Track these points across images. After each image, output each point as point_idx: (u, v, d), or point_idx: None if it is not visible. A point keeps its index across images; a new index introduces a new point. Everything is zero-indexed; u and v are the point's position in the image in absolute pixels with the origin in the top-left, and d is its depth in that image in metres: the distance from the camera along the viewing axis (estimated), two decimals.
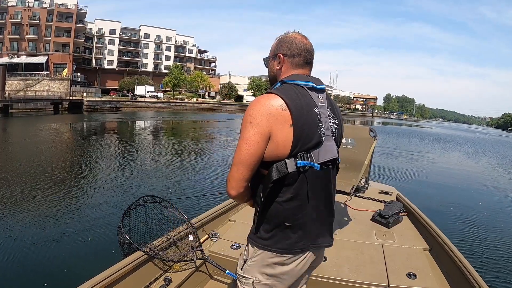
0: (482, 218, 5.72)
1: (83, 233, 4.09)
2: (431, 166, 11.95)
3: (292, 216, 1.07)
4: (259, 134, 1.01)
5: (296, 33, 1.16)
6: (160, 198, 2.18)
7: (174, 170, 8.21)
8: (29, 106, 30.14)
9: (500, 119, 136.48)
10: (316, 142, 1.06)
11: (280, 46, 1.15)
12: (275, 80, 1.18)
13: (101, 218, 4.61)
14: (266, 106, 1.02)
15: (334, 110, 1.17)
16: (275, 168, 1.03)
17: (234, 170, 1.05)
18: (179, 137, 16.73)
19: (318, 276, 1.84)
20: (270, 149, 1.03)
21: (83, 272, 3.02)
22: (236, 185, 1.06)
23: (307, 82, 1.10)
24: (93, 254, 3.57)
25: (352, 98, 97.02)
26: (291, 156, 1.03)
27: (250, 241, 1.14)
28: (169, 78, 50.82)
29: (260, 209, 1.10)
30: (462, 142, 26.56)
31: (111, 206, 5.12)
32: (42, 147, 11.08)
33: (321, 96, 1.12)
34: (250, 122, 1.02)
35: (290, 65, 1.14)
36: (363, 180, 3.38)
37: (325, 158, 1.08)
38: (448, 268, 1.95)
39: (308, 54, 1.15)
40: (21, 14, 42.89)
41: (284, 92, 1.05)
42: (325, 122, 1.10)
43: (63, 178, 6.89)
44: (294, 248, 1.08)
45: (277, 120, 1.01)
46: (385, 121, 66.43)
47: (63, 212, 4.85)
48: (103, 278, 1.53)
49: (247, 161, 1.02)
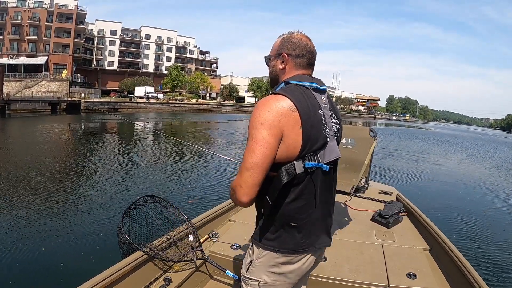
0: (482, 218, 5.72)
1: (83, 233, 4.09)
2: (431, 166, 11.95)
3: (298, 216, 1.07)
4: (273, 135, 0.99)
5: (301, 33, 1.15)
6: (160, 198, 2.18)
7: (173, 170, 8.21)
8: (27, 107, 30.13)
9: (503, 121, 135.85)
10: (322, 143, 1.06)
11: (285, 46, 1.14)
12: (277, 79, 1.17)
13: (101, 218, 4.61)
14: (276, 107, 1.01)
15: (335, 110, 1.18)
16: (284, 171, 1.02)
17: (247, 175, 1.00)
18: (178, 137, 16.73)
19: (318, 276, 1.84)
20: (280, 151, 1.02)
21: (83, 272, 3.02)
22: (249, 191, 1.01)
23: (312, 83, 1.10)
24: (93, 254, 3.57)
25: (354, 100, 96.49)
26: (300, 158, 1.03)
27: (255, 242, 1.13)
28: (168, 79, 50.80)
29: (265, 210, 1.08)
30: (463, 143, 26.55)
31: (110, 206, 5.12)
32: (37, 148, 11.08)
33: (324, 97, 1.13)
34: (261, 123, 0.99)
35: (294, 65, 1.13)
36: (363, 180, 3.38)
37: (330, 158, 1.09)
38: (448, 268, 1.95)
39: (312, 56, 1.15)
40: (21, 15, 42.93)
41: (291, 93, 1.04)
42: (329, 122, 1.10)
43: (60, 179, 6.89)
44: (299, 248, 1.08)
45: (288, 122, 1.00)
46: (388, 123, 66.44)
47: (62, 212, 4.85)
48: (103, 278, 1.52)
49: (263, 164, 0.99)
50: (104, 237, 4.00)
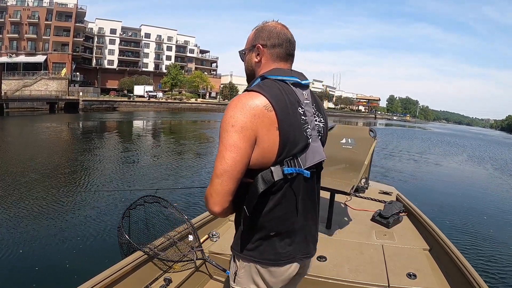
0: (482, 218, 5.73)
1: (83, 233, 4.08)
2: (431, 166, 11.97)
3: (278, 226, 0.98)
4: (245, 138, 0.88)
5: (276, 22, 1.05)
6: (160, 198, 2.18)
7: (173, 170, 8.21)
8: (25, 106, 30.15)
9: (504, 121, 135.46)
10: (303, 145, 0.96)
11: (259, 36, 1.03)
12: (253, 74, 1.06)
13: (101, 218, 4.60)
14: (249, 106, 0.89)
15: (318, 107, 1.06)
16: (260, 179, 0.91)
17: (217, 183, 0.91)
18: (177, 137, 16.72)
19: (318, 276, 1.84)
20: (256, 155, 0.91)
21: (83, 272, 3.02)
22: (220, 200, 0.93)
23: (292, 77, 0.98)
24: (93, 254, 3.57)
25: (354, 99, 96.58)
26: (277, 163, 0.93)
27: (235, 253, 1.05)
28: (168, 78, 50.72)
29: (244, 220, 0.98)
30: (463, 143, 26.58)
31: (110, 206, 5.12)
32: (34, 146, 11.06)
33: (306, 92, 1.01)
34: (232, 126, 0.89)
35: (271, 57, 1.02)
36: (363, 180, 3.37)
37: (313, 162, 0.99)
38: (448, 268, 1.95)
39: (290, 44, 1.03)
40: (20, 13, 42.81)
41: (267, 89, 0.93)
42: (311, 121, 0.99)
43: (59, 178, 6.88)
44: (280, 259, 1.00)
45: (262, 123, 0.89)
46: (388, 123, 66.41)
47: (61, 212, 4.84)
48: (103, 278, 1.52)
49: (233, 171, 0.89)
50: (104, 237, 4.00)
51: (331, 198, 2.48)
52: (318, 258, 2.01)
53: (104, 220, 4.54)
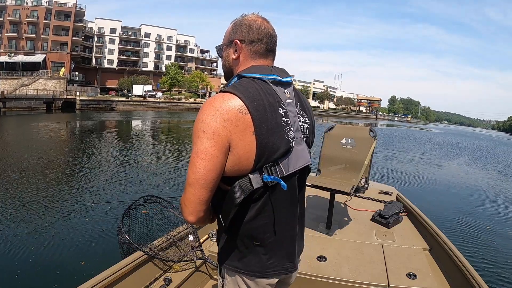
0: (482, 218, 5.74)
1: (83, 233, 4.08)
2: (431, 166, 11.99)
3: (261, 236, 0.92)
4: (217, 145, 0.82)
5: (255, 15, 0.97)
6: (160, 198, 2.18)
7: (173, 169, 8.20)
8: (22, 105, 30.04)
9: (506, 122, 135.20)
10: (284, 151, 0.88)
11: (237, 31, 0.95)
12: (231, 72, 0.99)
13: (101, 218, 4.60)
14: (221, 109, 0.82)
15: (303, 106, 0.99)
16: (238, 188, 0.85)
17: (190, 192, 0.86)
18: (175, 136, 16.70)
19: (318, 276, 1.84)
20: (230, 163, 0.85)
21: (83, 272, 3.02)
22: (194, 210, 0.87)
23: (271, 75, 0.91)
24: (93, 254, 3.57)
25: (356, 100, 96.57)
26: (256, 170, 0.86)
27: (220, 263, 0.99)
28: (166, 77, 50.64)
29: (223, 230, 0.94)
30: (463, 143, 26.62)
31: (110, 206, 5.11)
32: (31, 145, 11.04)
33: (288, 90, 0.94)
34: (203, 131, 0.82)
35: (249, 53, 0.94)
36: (363, 180, 3.37)
37: (296, 167, 0.92)
38: (448, 268, 1.95)
39: (271, 40, 0.95)
40: (19, 13, 42.72)
41: (243, 90, 0.85)
42: (294, 122, 0.92)
43: (57, 178, 6.87)
44: (265, 271, 0.94)
45: (236, 127, 0.82)
46: (389, 123, 66.39)
47: (61, 212, 4.84)
48: (103, 278, 1.52)
49: (205, 179, 0.84)
50: (104, 237, 4.00)
51: (331, 198, 2.48)
52: (318, 258, 2.02)
53: (103, 220, 4.54)
